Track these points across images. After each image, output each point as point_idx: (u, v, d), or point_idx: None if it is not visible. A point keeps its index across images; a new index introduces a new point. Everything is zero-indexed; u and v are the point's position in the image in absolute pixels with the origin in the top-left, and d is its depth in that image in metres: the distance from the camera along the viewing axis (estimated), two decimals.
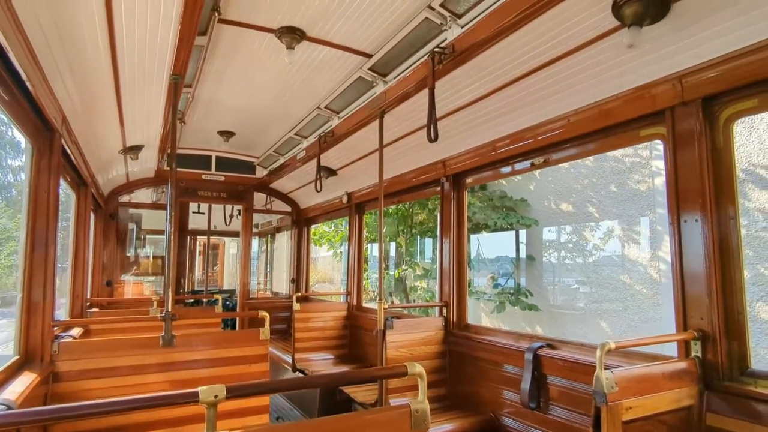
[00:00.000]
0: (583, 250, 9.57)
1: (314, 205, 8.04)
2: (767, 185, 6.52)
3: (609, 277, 8.93)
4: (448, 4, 3.09)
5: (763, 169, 6.55)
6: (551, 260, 10.21)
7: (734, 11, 2.19)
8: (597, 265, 9.25)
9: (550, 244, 10.27)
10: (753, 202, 6.62)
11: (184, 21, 2.59)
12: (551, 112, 3.44)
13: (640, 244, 8.54)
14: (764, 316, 6.53)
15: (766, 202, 6.52)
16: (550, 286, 10.17)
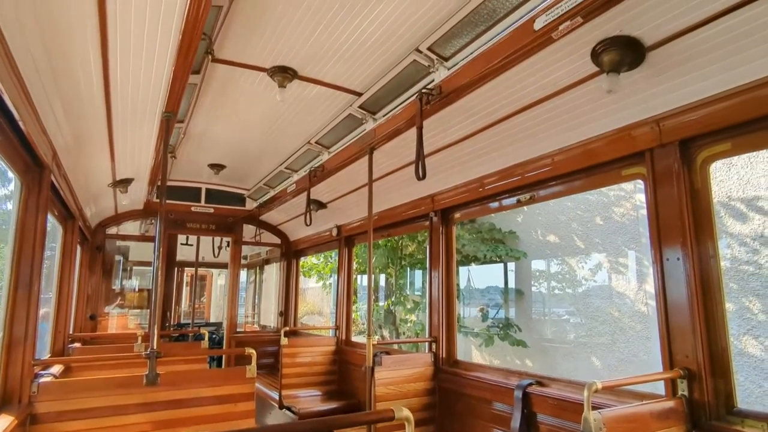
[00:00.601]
0: (572, 282, 9.62)
1: (304, 238, 8.03)
2: (747, 219, 6.67)
3: (598, 310, 8.96)
4: (436, 47, 3.21)
5: (743, 204, 6.72)
6: (541, 290, 10.23)
7: (705, 61, 2.30)
8: (586, 296, 9.29)
9: (540, 274, 10.31)
10: (736, 236, 6.75)
11: (178, 62, 2.65)
12: (537, 151, 3.54)
13: (628, 277, 8.61)
14: (751, 350, 6.56)
15: (747, 236, 6.65)
16: (539, 317, 10.16)
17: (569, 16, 2.19)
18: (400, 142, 4.03)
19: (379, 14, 2.97)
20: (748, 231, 6.64)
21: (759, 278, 6.46)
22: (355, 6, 2.88)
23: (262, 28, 3.15)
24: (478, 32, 2.97)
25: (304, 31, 3.18)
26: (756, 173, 6.55)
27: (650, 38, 2.30)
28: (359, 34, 3.19)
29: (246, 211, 7.67)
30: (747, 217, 6.68)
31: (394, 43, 3.27)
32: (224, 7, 2.87)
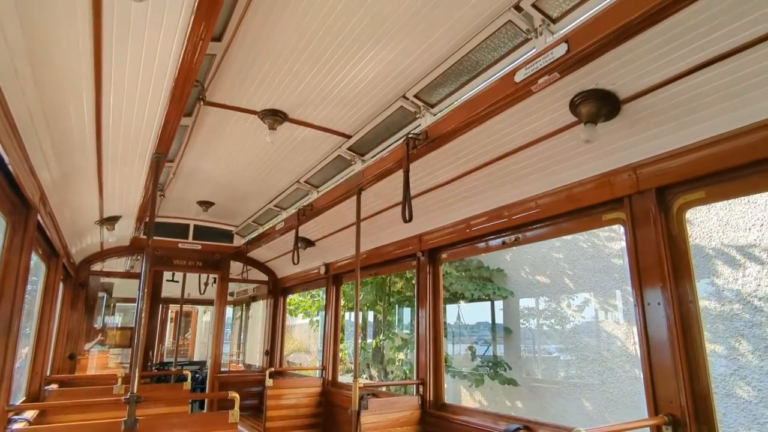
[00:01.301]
0: (561, 319, 9.60)
1: (292, 275, 7.98)
2: (729, 260, 6.79)
3: (587, 348, 8.92)
4: (422, 95, 3.33)
5: (724, 245, 6.85)
6: (530, 327, 10.18)
7: (676, 113, 2.42)
8: (575, 335, 9.26)
9: (529, 312, 10.29)
10: (719, 277, 6.85)
11: (170, 107, 2.72)
12: (521, 194, 3.62)
13: (617, 317, 8.63)
14: (738, 392, 6.55)
15: (730, 277, 6.76)
16: (530, 354, 10.07)
17: (547, 71, 2.30)
18: (389, 183, 4.11)
19: (368, 62, 3.09)
20: (730, 272, 6.75)
21: (742, 319, 6.52)
22: (345, 54, 2.99)
23: (254, 74, 3.25)
24: (462, 82, 3.09)
25: (295, 77, 3.28)
26: (734, 215, 6.72)
27: (624, 92, 2.42)
28: (349, 80, 3.30)
29: (234, 248, 7.64)
30: (728, 258, 6.80)
31: (383, 89, 3.39)
32: (218, 56, 2.97)
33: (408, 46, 2.88)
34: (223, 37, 2.79)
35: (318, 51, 2.97)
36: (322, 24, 2.71)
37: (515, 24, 2.55)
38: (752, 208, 6.54)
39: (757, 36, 1.94)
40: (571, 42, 2.23)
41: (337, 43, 2.89)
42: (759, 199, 6.48)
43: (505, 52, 2.76)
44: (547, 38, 2.51)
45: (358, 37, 2.83)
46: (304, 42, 2.88)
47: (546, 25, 2.49)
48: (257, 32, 2.79)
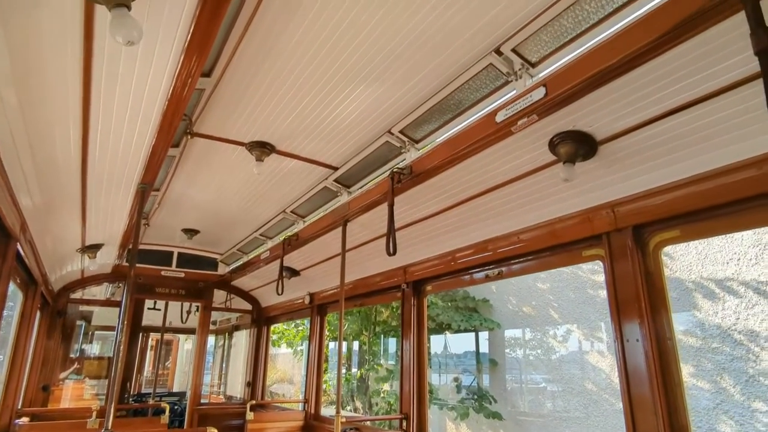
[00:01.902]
0: (547, 350, 9.58)
1: (276, 304, 7.89)
2: (709, 293, 6.90)
3: (572, 380, 8.88)
4: (407, 131, 3.41)
5: (704, 279, 6.97)
6: (516, 357, 10.12)
7: (651, 155, 2.52)
8: (562, 364, 9.23)
9: (515, 342, 10.25)
10: (700, 310, 6.95)
11: (157, 139, 2.75)
12: (504, 229, 3.68)
13: (601, 348, 8.65)
14: (720, 426, 6.55)
15: (710, 310, 6.85)
16: (515, 385, 9.98)
17: (526, 113, 2.39)
18: (374, 215, 4.14)
19: (355, 99, 3.17)
20: (710, 305, 6.85)
21: (723, 352, 6.59)
22: (333, 90, 3.07)
23: (242, 107, 3.30)
24: (446, 119, 3.18)
25: (283, 110, 3.35)
26: (713, 249, 6.88)
27: (601, 134, 2.51)
28: (336, 114, 3.37)
29: (218, 276, 7.55)
30: (708, 291, 6.91)
31: (369, 124, 3.47)
32: (207, 90, 3.03)
33: (394, 84, 2.97)
34: (213, 73, 2.85)
35: (307, 86, 3.04)
36: (311, 61, 2.79)
37: (496, 67, 2.65)
38: (729, 243, 6.70)
39: (723, 85, 2.04)
40: (549, 86, 2.32)
41: (326, 79, 2.96)
42: (736, 234, 6.65)
43: (487, 93, 2.86)
44: (526, 81, 2.61)
45: (345, 75, 2.92)
46: (293, 77, 2.95)
47: (525, 68, 2.60)
48: (247, 68, 2.86)
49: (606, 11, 2.22)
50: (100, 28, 1.83)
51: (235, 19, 2.42)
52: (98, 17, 1.77)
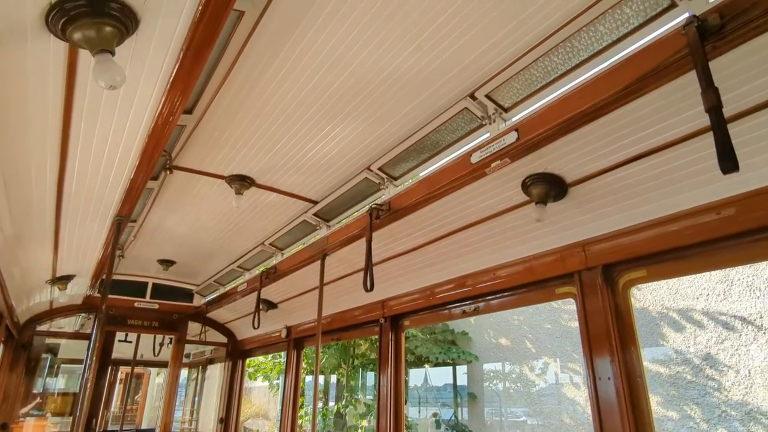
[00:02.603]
0: (525, 383, 9.55)
1: (252, 337, 7.73)
2: (680, 327, 7.04)
3: (551, 415, 8.85)
4: (386, 168, 3.48)
5: (675, 312, 7.13)
6: (496, 390, 10.04)
7: (619, 197, 2.62)
8: (541, 397, 9.19)
9: (494, 374, 10.19)
10: (672, 344, 7.07)
11: (135, 174, 2.75)
12: (481, 264, 3.73)
13: (577, 381, 8.67)
14: None
15: (682, 344, 6.98)
16: (495, 418, 9.87)
17: (499, 156, 2.48)
18: (353, 249, 4.17)
19: (335, 136, 3.25)
20: (681, 339, 6.98)
21: (696, 386, 6.68)
22: (315, 127, 3.14)
23: (223, 142, 3.34)
24: (423, 158, 3.28)
25: (264, 146, 3.40)
26: (683, 284, 7.06)
27: (571, 176, 2.62)
28: (317, 150, 3.43)
29: (193, 308, 7.40)
30: (680, 326, 7.06)
31: (349, 161, 3.54)
32: (188, 126, 3.06)
33: (373, 123, 3.05)
34: (195, 109, 2.89)
35: (288, 123, 3.10)
36: (292, 100, 2.86)
37: (471, 111, 2.76)
38: (699, 278, 6.90)
39: (681, 135, 2.17)
40: (520, 130, 2.43)
41: (307, 117, 3.03)
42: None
43: (462, 135, 2.97)
44: (499, 125, 2.72)
45: (326, 113, 2.99)
46: (274, 115, 3.02)
47: (498, 113, 2.71)
48: (228, 105, 2.91)
49: (572, 63, 2.36)
50: (83, 70, 1.87)
51: (218, 59, 2.49)
52: (82, 60, 1.80)
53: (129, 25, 1.60)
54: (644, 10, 2.06)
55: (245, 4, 2.13)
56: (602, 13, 2.14)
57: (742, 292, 6.44)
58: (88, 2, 1.50)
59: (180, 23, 1.72)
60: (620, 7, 2.08)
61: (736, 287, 6.50)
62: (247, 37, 2.36)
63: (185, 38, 1.77)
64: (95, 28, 1.52)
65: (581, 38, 2.26)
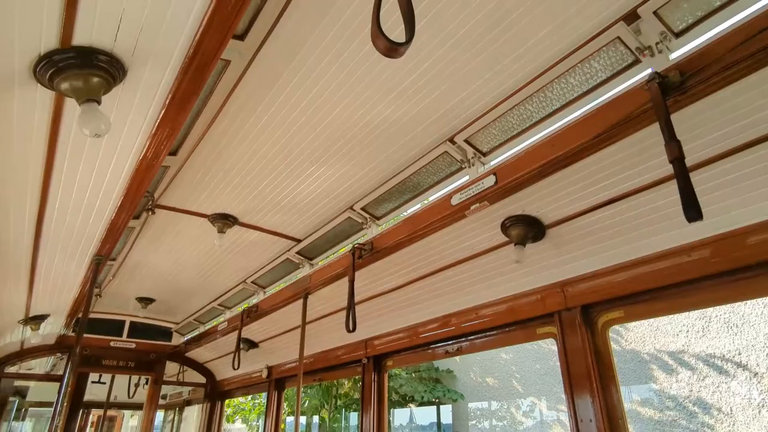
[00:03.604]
0: (512, 423, 9.38)
1: (232, 378, 7.52)
2: (663, 365, 7.07)
3: None
4: (369, 208, 3.53)
5: (657, 350, 7.17)
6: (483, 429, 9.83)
7: (595, 239, 2.69)
8: None
9: (481, 413, 10.00)
10: (656, 382, 7.07)
11: (117, 214, 2.75)
12: (463, 304, 3.74)
13: (564, 422, 8.56)
14: None
15: (665, 382, 6.99)
16: None
17: (477, 199, 2.55)
18: (336, 288, 4.15)
19: (319, 176, 3.30)
20: (664, 377, 6.99)
21: (680, 425, 6.66)
22: (298, 168, 3.19)
23: (207, 182, 3.36)
24: (405, 199, 3.34)
25: (248, 186, 3.43)
26: (663, 321, 7.14)
27: (548, 219, 2.69)
28: (300, 190, 3.47)
29: (171, 347, 7.20)
30: (662, 363, 7.08)
31: (332, 200, 3.58)
32: (173, 167, 3.09)
33: (356, 165, 3.12)
34: (179, 151, 2.92)
35: (272, 164, 3.15)
36: (276, 143, 2.92)
37: (450, 154, 2.84)
38: (678, 315, 6.98)
39: (650, 181, 2.27)
40: (498, 174, 2.51)
41: (290, 159, 3.09)
42: None
43: (443, 177, 3.05)
44: (478, 169, 2.80)
45: (310, 155, 3.05)
46: (258, 156, 3.06)
47: (477, 157, 2.80)
48: (213, 147, 2.95)
49: (546, 111, 2.47)
50: (68, 116, 1.89)
51: (204, 104, 2.54)
52: (67, 106, 1.83)
53: (116, 75, 1.65)
54: (611, 65, 2.19)
55: (232, 54, 2.20)
56: (572, 66, 2.26)
57: (720, 329, 6.53)
58: (76, 55, 1.54)
59: (167, 72, 1.77)
60: (589, 61, 2.21)
61: (714, 324, 6.59)
62: (234, 86, 2.43)
63: (172, 87, 1.82)
64: (83, 79, 1.56)
65: (554, 89, 2.37)
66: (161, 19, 1.58)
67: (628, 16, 2.05)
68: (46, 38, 1.52)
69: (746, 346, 6.26)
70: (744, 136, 1.93)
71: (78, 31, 1.53)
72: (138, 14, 1.55)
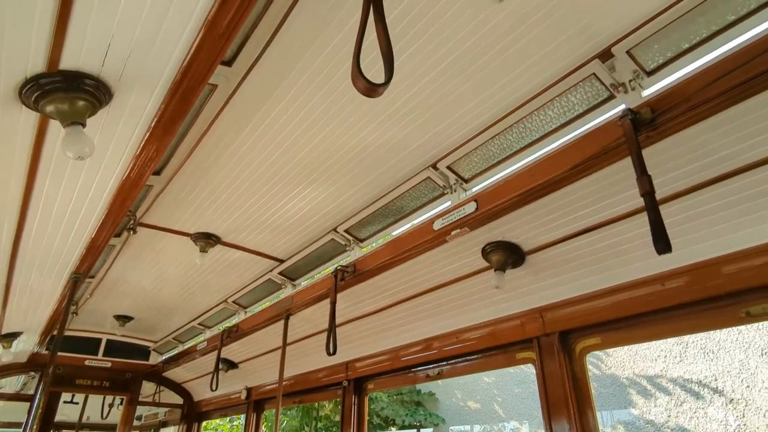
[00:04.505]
0: None
1: (210, 398, 7.36)
2: (642, 390, 7.12)
3: None
4: (352, 230, 3.55)
5: (636, 375, 7.23)
6: None
7: (573, 266, 2.74)
8: None
9: None
10: (635, 407, 7.11)
11: (98, 233, 2.73)
12: (445, 327, 3.75)
13: None
14: None
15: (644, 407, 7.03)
16: None
17: (459, 224, 2.60)
18: (317, 310, 4.14)
19: (302, 198, 3.32)
20: (643, 402, 7.04)
21: None
22: (282, 189, 3.21)
23: (190, 201, 3.36)
24: (388, 222, 3.37)
25: (231, 205, 3.43)
26: (642, 345, 7.23)
27: (527, 245, 2.74)
28: (284, 211, 3.49)
29: (148, 366, 7.04)
30: (641, 388, 7.13)
31: (315, 222, 3.60)
32: (156, 187, 3.08)
33: (340, 188, 3.15)
34: (163, 171, 2.93)
35: (256, 186, 3.17)
36: (261, 165, 2.94)
37: (433, 180, 2.90)
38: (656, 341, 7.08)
39: (625, 211, 2.34)
40: (479, 201, 2.56)
41: (275, 180, 3.11)
42: None
43: (426, 202, 3.09)
44: (460, 195, 2.86)
45: (294, 177, 3.08)
46: (243, 177, 3.08)
47: (459, 183, 2.86)
48: (197, 167, 2.96)
49: (525, 142, 2.55)
50: (52, 137, 1.90)
51: (190, 126, 2.56)
52: (51, 128, 1.84)
53: (102, 99, 1.66)
54: (587, 100, 2.28)
55: (219, 79, 2.24)
56: (551, 99, 2.34)
57: (697, 354, 6.62)
58: (63, 79, 1.56)
59: (154, 96, 1.80)
60: (566, 95, 2.29)
61: (691, 350, 6.69)
62: (220, 109, 2.46)
63: (158, 110, 1.84)
64: (68, 102, 1.57)
65: (533, 120, 2.45)
66: (151, 44, 1.61)
67: (604, 54, 2.14)
68: (33, 61, 1.54)
69: (722, 372, 6.35)
70: (711, 172, 2.01)
71: (66, 55, 1.55)
72: (128, 39, 1.57)
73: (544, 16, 2.00)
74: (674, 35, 1.98)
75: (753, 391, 6.19)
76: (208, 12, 1.48)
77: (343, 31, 2.07)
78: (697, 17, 1.90)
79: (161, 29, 1.55)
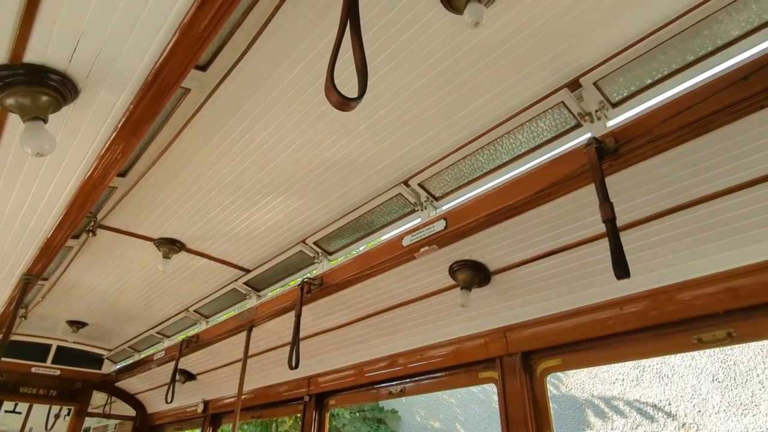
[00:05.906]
0: None
1: (165, 411, 7.09)
2: (599, 412, 7.26)
3: None
4: (321, 243, 3.53)
5: (594, 397, 7.37)
6: None
7: (536, 288, 2.80)
8: None
9: None
10: (593, 429, 7.23)
11: (55, 232, 2.62)
12: (409, 344, 3.75)
13: None
14: None
15: (601, 429, 7.15)
16: None
17: (427, 242, 2.61)
18: (282, 322, 4.07)
19: (273, 208, 3.28)
20: (601, 424, 7.17)
21: None
22: (252, 199, 3.16)
23: (155, 205, 3.27)
24: (357, 236, 3.37)
25: (198, 212, 3.35)
26: (601, 368, 7.38)
27: (493, 265, 2.78)
28: (253, 221, 3.43)
29: (101, 375, 6.74)
30: (599, 410, 7.27)
31: (284, 233, 3.55)
32: (121, 188, 2.99)
33: (310, 200, 3.13)
34: (129, 173, 2.85)
35: (224, 193, 3.11)
36: (230, 173, 2.90)
37: (404, 196, 2.92)
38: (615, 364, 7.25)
39: (588, 236, 2.40)
40: (449, 219, 2.59)
41: (244, 189, 3.07)
42: None
43: (396, 218, 3.11)
44: (430, 212, 2.89)
45: (264, 187, 3.04)
46: (211, 185, 3.02)
47: (430, 201, 2.89)
48: (165, 172, 2.89)
49: (495, 164, 2.61)
50: (10, 131, 1.83)
51: (159, 129, 2.51)
52: (10, 121, 1.77)
53: (67, 95, 1.61)
54: (555, 127, 2.35)
55: (192, 83, 2.21)
56: (521, 124, 2.41)
57: (652, 378, 6.81)
58: (26, 72, 1.51)
59: (123, 96, 1.75)
60: (536, 121, 2.36)
61: (647, 374, 6.88)
62: (192, 114, 2.42)
63: (126, 110, 1.80)
64: (30, 97, 1.52)
65: (503, 143, 2.51)
66: (122, 43, 1.58)
67: (572, 84, 2.22)
68: None
69: (675, 396, 6.54)
70: (669, 202, 2.10)
71: (31, 48, 1.50)
72: (98, 37, 1.54)
73: (518, 44, 2.07)
74: (638, 70, 2.07)
75: (704, 416, 6.39)
76: (184, 15, 1.46)
77: (320, 45, 2.08)
78: (659, 55, 2.00)
79: (135, 28, 1.53)
